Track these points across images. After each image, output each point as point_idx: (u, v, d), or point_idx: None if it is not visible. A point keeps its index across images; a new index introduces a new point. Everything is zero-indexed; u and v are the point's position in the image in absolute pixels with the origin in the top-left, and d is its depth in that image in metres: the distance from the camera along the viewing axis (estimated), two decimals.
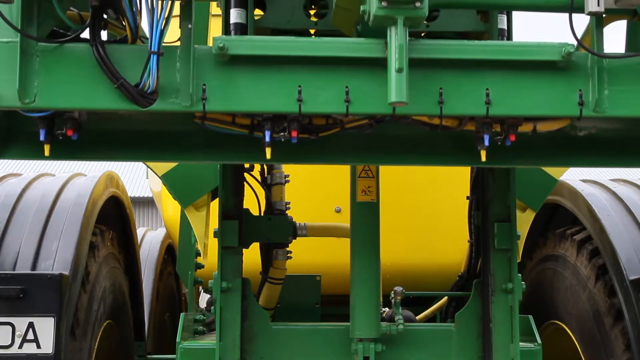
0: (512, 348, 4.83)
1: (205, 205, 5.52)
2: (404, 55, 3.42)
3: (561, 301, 5.69)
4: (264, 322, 4.87)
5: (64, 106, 3.53)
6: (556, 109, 3.63)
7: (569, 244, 5.62)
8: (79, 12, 3.73)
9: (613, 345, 5.18)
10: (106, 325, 5.72)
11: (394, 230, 5.74)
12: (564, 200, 5.68)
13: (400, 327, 4.85)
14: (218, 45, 3.50)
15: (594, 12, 3.48)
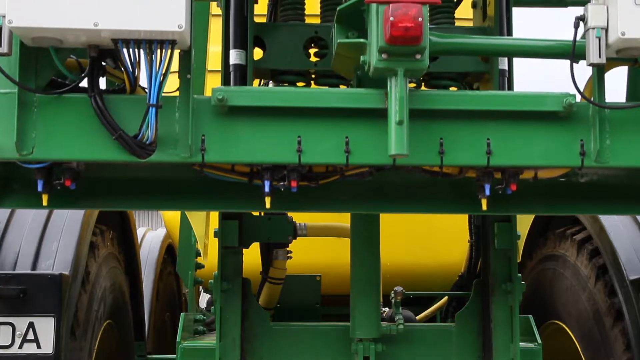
0: (512, 348, 4.84)
1: None
2: (404, 107, 3.40)
3: (561, 301, 5.71)
4: (264, 322, 4.90)
5: (62, 157, 3.51)
6: (557, 159, 3.61)
7: (569, 244, 5.62)
8: (77, 60, 3.71)
9: (613, 345, 5.21)
10: (106, 325, 5.77)
11: (394, 230, 5.71)
12: None
13: (400, 327, 4.88)
14: (217, 97, 3.48)
15: (596, 63, 3.46)
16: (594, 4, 3.49)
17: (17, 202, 3.85)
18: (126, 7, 3.27)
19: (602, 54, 3.44)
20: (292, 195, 3.74)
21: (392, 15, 3.30)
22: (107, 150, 3.49)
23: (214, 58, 6.06)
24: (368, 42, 3.47)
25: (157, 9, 3.28)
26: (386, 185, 4.00)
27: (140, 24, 3.29)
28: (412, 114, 3.45)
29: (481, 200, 3.76)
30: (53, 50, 3.45)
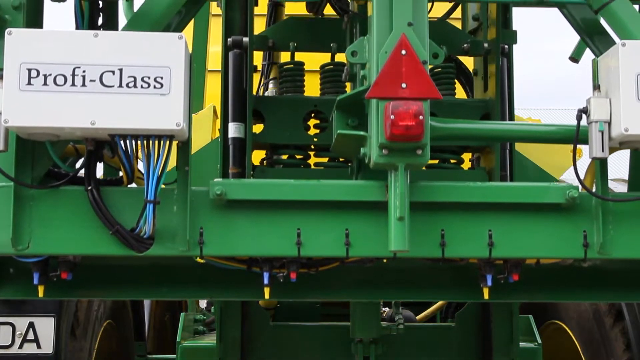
0: (512, 348, 4.80)
1: None
2: (405, 203, 3.36)
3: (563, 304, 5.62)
4: (264, 322, 4.84)
5: (58, 252, 3.48)
6: (560, 251, 3.57)
7: None
8: (74, 145, 3.67)
9: (613, 345, 5.19)
10: (106, 325, 5.73)
11: None
12: None
13: (400, 327, 4.82)
14: (216, 192, 3.44)
15: (599, 157, 3.42)
16: (596, 97, 3.45)
17: (13, 292, 3.81)
18: (123, 105, 3.23)
19: (605, 148, 3.40)
20: (291, 283, 3.70)
21: (393, 113, 3.26)
22: (104, 244, 3.44)
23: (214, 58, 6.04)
24: (368, 136, 3.43)
25: (155, 107, 3.24)
26: (386, 272, 3.96)
27: (137, 123, 3.25)
28: (413, 205, 3.41)
29: (483, 288, 3.71)
30: (49, 144, 3.41)
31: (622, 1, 3.68)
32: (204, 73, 6.71)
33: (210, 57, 6.58)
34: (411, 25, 3.35)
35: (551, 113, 41.99)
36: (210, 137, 5.62)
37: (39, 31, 3.31)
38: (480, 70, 4.83)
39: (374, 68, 3.36)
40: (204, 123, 5.78)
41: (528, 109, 31.61)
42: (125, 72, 3.25)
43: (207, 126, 5.79)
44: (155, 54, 3.27)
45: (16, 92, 3.21)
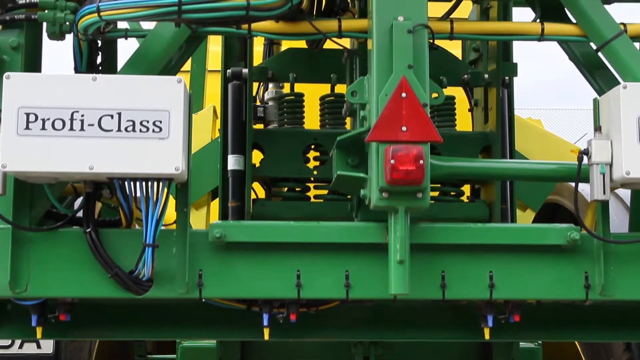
0: (513, 348, 4.78)
1: (205, 205, 5.47)
2: (405, 246, 3.34)
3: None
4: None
5: (56, 295, 3.47)
6: (561, 292, 3.55)
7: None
8: (73, 185, 3.66)
9: (613, 345, 5.16)
10: None
11: None
12: (565, 200, 5.58)
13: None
14: (215, 235, 3.42)
15: (600, 199, 3.41)
16: (597, 139, 3.43)
17: (12, 333, 3.79)
18: (122, 150, 3.21)
19: (607, 190, 3.38)
20: (290, 323, 3.68)
21: (393, 158, 3.24)
22: (102, 287, 3.42)
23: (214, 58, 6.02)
24: (368, 178, 3.42)
25: (154, 151, 3.22)
26: (386, 310, 3.94)
27: (136, 167, 3.23)
28: (413, 247, 3.40)
29: (483, 328, 3.70)
30: (47, 187, 3.40)
31: (623, 40, 3.66)
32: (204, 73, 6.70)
33: (210, 57, 6.56)
34: (411, 67, 3.33)
35: (551, 113, 41.94)
36: (210, 137, 5.60)
37: (38, 75, 3.30)
38: (480, 101, 4.80)
39: (374, 110, 3.34)
40: (204, 123, 5.77)
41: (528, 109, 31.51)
42: (124, 116, 3.23)
43: (207, 126, 5.78)
44: (154, 97, 3.26)
45: (14, 137, 3.19)
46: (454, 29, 3.72)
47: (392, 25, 3.36)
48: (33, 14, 3.49)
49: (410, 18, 3.38)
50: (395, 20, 3.37)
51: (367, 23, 3.58)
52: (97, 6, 3.27)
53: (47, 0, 3.48)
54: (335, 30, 3.66)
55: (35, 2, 3.50)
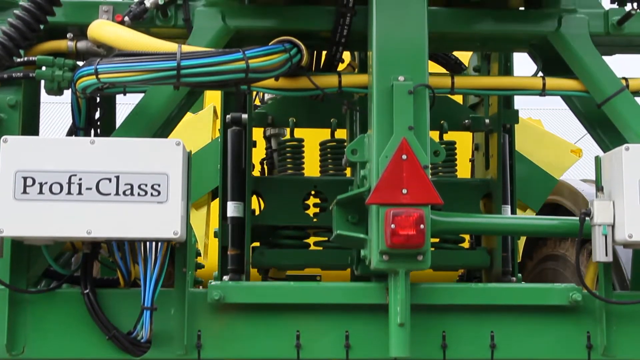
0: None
1: (205, 205, 5.45)
2: (405, 308, 3.31)
3: None
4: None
5: (53, 357, 3.42)
6: (563, 353, 3.52)
7: (569, 244, 5.48)
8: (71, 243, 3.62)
9: None
10: None
11: None
12: (565, 200, 5.56)
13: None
14: (214, 297, 3.39)
15: (603, 261, 3.38)
16: (600, 200, 3.41)
17: None
18: (120, 214, 3.18)
19: (609, 252, 3.35)
20: None
21: (393, 222, 3.21)
22: (100, 348, 3.40)
23: None
24: (368, 239, 3.39)
25: (152, 216, 3.19)
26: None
27: (134, 232, 3.20)
28: (414, 307, 3.37)
29: None
30: (45, 248, 3.37)
31: (625, 96, 3.64)
32: None
33: None
34: (412, 129, 3.31)
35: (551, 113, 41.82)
36: (211, 137, 5.58)
37: (35, 139, 3.27)
38: (481, 145, 4.78)
39: (374, 171, 3.32)
40: (204, 123, 5.76)
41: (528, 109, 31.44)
42: (122, 179, 3.21)
43: (207, 126, 5.76)
44: (152, 160, 3.23)
45: (11, 202, 3.16)
46: (454, 84, 3.69)
47: (393, 86, 3.33)
48: (31, 72, 3.47)
49: (411, 78, 3.36)
50: (395, 81, 3.34)
51: (367, 78, 3.56)
52: (95, 68, 3.25)
53: (45, 58, 3.47)
54: (335, 86, 3.64)
55: (33, 60, 3.48)
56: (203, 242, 5.67)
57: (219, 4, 3.62)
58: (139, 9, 3.52)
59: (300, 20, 3.67)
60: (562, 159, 5.60)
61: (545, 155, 5.46)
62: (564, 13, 3.70)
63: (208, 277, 5.01)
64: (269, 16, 3.66)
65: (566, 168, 5.74)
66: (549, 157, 5.47)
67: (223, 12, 3.61)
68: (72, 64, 3.47)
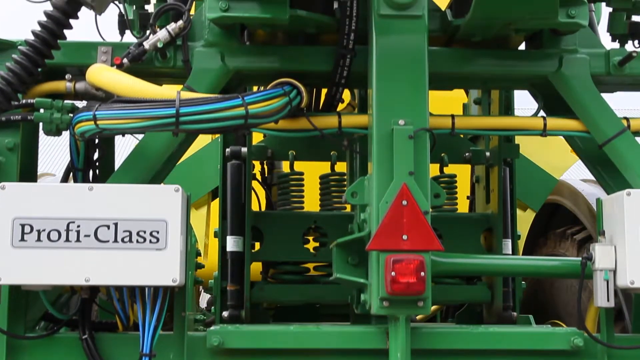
0: None
1: (205, 205, 5.45)
2: (406, 354, 3.29)
3: (561, 301, 5.53)
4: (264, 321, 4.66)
5: None
6: None
7: (569, 244, 5.46)
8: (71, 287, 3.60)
9: None
10: None
11: None
12: (564, 200, 5.54)
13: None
14: (213, 342, 3.37)
15: (605, 306, 3.35)
16: (601, 245, 3.38)
17: None
18: (118, 262, 3.16)
19: (611, 298, 3.33)
20: None
21: (394, 269, 3.19)
22: None
23: None
24: (368, 284, 3.37)
25: (151, 263, 3.17)
26: None
27: (132, 279, 3.18)
28: (414, 352, 3.34)
29: None
30: (43, 294, 3.35)
31: (626, 137, 3.62)
32: None
33: None
34: (412, 174, 3.29)
35: None
36: (211, 136, 5.58)
37: (33, 185, 3.25)
38: (482, 178, 4.77)
39: (374, 217, 3.30)
40: None
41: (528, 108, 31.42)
42: (121, 226, 3.19)
43: None
44: (151, 207, 3.21)
45: (9, 249, 3.15)
46: (455, 125, 3.67)
47: (393, 130, 3.31)
48: (29, 115, 3.46)
49: (411, 121, 3.34)
50: (396, 125, 3.32)
51: (367, 119, 3.54)
52: (93, 114, 3.23)
53: (44, 100, 3.45)
54: (335, 126, 3.62)
55: (31, 103, 3.46)
56: (203, 242, 5.67)
57: (218, 45, 3.60)
58: (138, 50, 3.50)
59: (300, 60, 3.65)
60: (562, 159, 5.59)
61: (546, 155, 5.45)
62: (564, 53, 3.68)
63: (208, 277, 5.07)
64: (268, 56, 3.65)
65: (566, 168, 5.75)
66: (549, 157, 5.46)
67: (222, 53, 3.59)
68: (71, 106, 3.45)
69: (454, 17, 3.62)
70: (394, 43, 3.39)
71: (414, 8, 3.37)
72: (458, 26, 3.60)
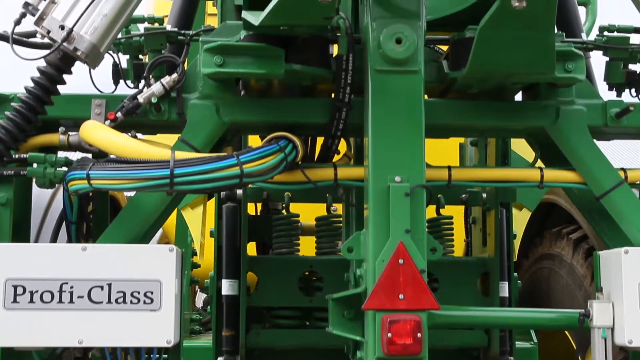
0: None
1: (201, 204, 5.45)
2: None
3: (557, 300, 5.53)
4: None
5: None
6: None
7: (565, 243, 5.46)
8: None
9: None
10: None
11: None
12: (560, 199, 5.54)
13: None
14: None
15: None
16: (599, 302, 3.36)
17: None
18: (112, 323, 3.14)
19: (609, 356, 3.31)
20: None
21: (390, 330, 3.16)
22: None
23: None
24: (364, 342, 3.34)
25: (145, 324, 3.15)
26: None
27: (127, 341, 3.16)
28: None
29: None
30: (36, 354, 3.32)
31: (623, 190, 3.60)
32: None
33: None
34: (409, 232, 3.26)
35: None
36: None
37: (25, 246, 3.23)
38: (479, 220, 4.75)
39: (370, 275, 3.26)
40: None
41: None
42: (115, 287, 3.16)
43: None
44: (145, 267, 3.19)
45: (1, 311, 3.12)
46: (451, 177, 3.65)
47: (389, 187, 3.28)
48: (22, 170, 3.43)
49: (407, 178, 3.31)
50: (392, 182, 3.29)
51: (363, 171, 3.51)
52: (87, 173, 3.20)
53: (37, 155, 3.43)
54: (330, 179, 3.59)
55: (25, 158, 3.43)
56: (199, 242, 5.66)
57: (212, 97, 3.57)
58: (132, 104, 3.48)
59: (296, 113, 3.62)
60: None
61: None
62: (561, 105, 3.66)
63: (204, 277, 5.02)
64: (263, 109, 3.61)
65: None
66: None
67: (217, 105, 3.56)
68: (64, 160, 3.42)
69: (450, 69, 3.60)
70: (390, 98, 3.36)
71: (411, 63, 3.34)
72: (455, 78, 3.58)
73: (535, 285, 5.80)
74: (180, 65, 3.53)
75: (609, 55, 3.89)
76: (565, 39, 3.75)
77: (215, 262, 4.48)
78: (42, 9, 3.28)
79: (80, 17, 3.26)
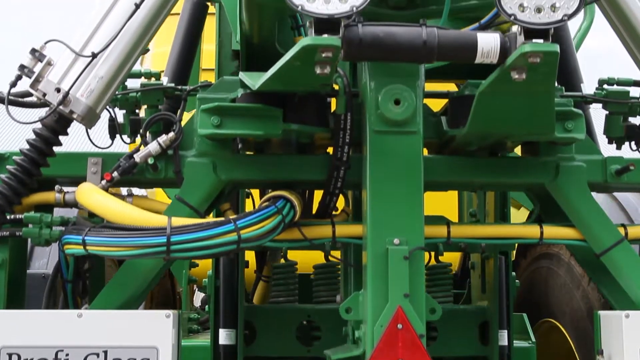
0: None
1: None
2: None
3: (555, 299, 5.51)
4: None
5: None
6: None
7: None
8: None
9: None
10: None
11: None
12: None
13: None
14: None
15: None
16: None
17: None
18: None
19: None
20: None
21: None
22: None
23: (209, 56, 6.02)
24: None
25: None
26: None
27: None
28: None
29: None
30: None
31: (623, 247, 3.58)
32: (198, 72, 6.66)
33: (204, 56, 6.52)
34: (407, 296, 3.23)
35: None
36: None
37: (20, 313, 3.20)
38: (478, 266, 4.72)
39: (368, 340, 3.23)
40: None
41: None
42: (111, 354, 3.13)
43: None
44: (142, 333, 3.16)
45: None
46: (450, 234, 3.62)
47: (388, 251, 3.25)
48: (17, 230, 3.40)
49: (406, 240, 3.28)
50: (390, 245, 3.26)
51: (361, 229, 3.48)
52: (82, 239, 3.18)
53: (32, 215, 3.40)
54: (328, 236, 3.56)
55: (20, 218, 3.41)
56: None
57: (209, 155, 3.54)
58: (129, 163, 3.45)
59: (294, 170, 3.59)
60: None
61: None
62: (561, 161, 3.63)
63: (202, 276, 5.04)
64: (261, 166, 3.59)
65: None
66: None
67: (214, 163, 3.53)
68: (60, 220, 3.40)
69: (449, 126, 3.58)
70: (389, 159, 3.33)
71: (410, 124, 3.31)
72: (454, 136, 3.55)
73: (533, 284, 5.79)
74: (177, 124, 3.50)
75: (608, 109, 3.87)
76: (564, 93, 3.73)
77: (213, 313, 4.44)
78: (38, 72, 3.26)
79: (76, 80, 3.24)
